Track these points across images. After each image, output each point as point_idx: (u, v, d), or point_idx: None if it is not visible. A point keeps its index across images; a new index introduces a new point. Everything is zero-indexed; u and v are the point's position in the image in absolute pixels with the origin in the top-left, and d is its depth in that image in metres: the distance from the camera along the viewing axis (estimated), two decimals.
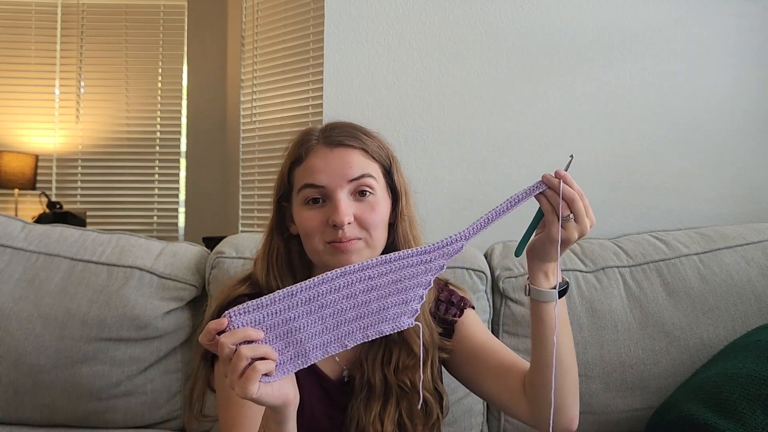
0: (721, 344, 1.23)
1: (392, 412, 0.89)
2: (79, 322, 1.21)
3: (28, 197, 3.39)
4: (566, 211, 0.75)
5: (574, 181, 0.76)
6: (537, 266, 0.81)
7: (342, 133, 0.89)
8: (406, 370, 0.91)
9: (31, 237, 1.31)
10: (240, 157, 2.96)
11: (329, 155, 0.87)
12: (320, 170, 0.86)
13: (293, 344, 0.67)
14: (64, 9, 3.43)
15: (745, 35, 1.65)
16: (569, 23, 1.64)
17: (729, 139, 1.65)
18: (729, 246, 1.33)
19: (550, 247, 0.78)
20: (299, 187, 0.88)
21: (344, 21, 1.63)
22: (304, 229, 0.88)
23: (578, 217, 0.75)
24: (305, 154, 0.89)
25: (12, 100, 3.40)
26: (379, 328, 0.70)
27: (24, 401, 1.22)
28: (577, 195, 0.75)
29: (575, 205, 0.75)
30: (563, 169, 0.77)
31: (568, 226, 0.76)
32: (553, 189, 0.76)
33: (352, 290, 0.69)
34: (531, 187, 0.77)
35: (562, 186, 0.75)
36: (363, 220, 0.86)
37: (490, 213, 0.76)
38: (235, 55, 3.17)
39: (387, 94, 1.63)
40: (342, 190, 0.86)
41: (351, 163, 0.87)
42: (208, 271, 1.28)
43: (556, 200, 0.75)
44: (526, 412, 0.88)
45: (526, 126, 1.63)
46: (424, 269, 0.72)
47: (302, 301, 0.66)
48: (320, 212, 0.86)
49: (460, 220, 1.62)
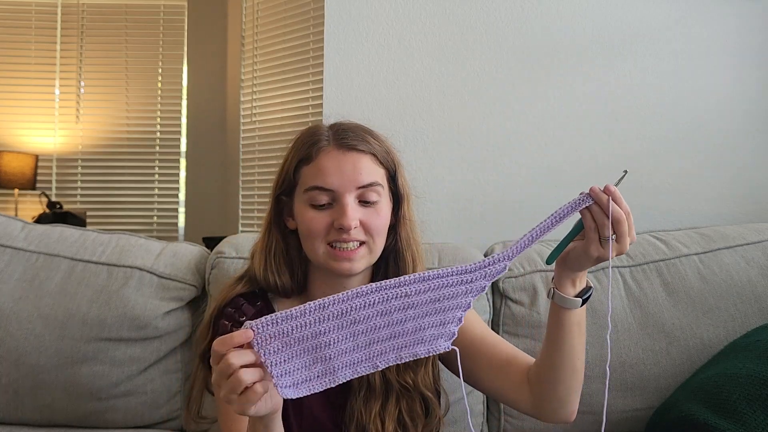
0: (721, 344, 1.23)
1: (393, 410, 0.90)
2: (79, 322, 1.21)
3: (28, 197, 3.40)
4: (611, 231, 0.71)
5: (623, 200, 0.72)
6: (566, 274, 0.79)
7: (354, 137, 0.90)
8: (406, 368, 0.91)
9: (31, 237, 1.31)
10: (240, 157, 2.96)
11: (341, 159, 0.87)
12: (331, 173, 0.86)
13: (321, 360, 0.63)
14: (64, 9, 3.43)
15: (745, 35, 1.65)
16: (569, 23, 1.64)
17: (729, 139, 1.65)
18: (729, 246, 1.33)
19: (585, 261, 0.75)
20: (306, 187, 0.88)
21: (344, 21, 1.63)
22: (307, 229, 0.88)
23: (620, 238, 0.72)
24: (315, 155, 0.88)
25: (12, 100, 3.40)
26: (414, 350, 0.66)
27: (24, 401, 1.21)
28: (624, 216, 0.71)
29: (620, 227, 0.71)
30: (614, 184, 0.73)
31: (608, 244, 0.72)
32: (601, 206, 0.71)
33: (387, 307, 0.64)
34: (577, 200, 0.72)
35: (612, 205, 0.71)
36: (368, 225, 0.87)
37: (534, 230, 0.71)
38: (235, 55, 3.17)
39: (387, 94, 1.63)
40: (350, 195, 0.86)
41: (361, 170, 0.87)
42: (208, 271, 1.28)
43: (600, 219, 0.71)
44: (529, 404, 0.89)
45: (526, 126, 1.63)
46: (465, 290, 0.67)
47: (334, 314, 0.62)
48: (326, 214, 0.87)
49: (460, 220, 1.62)
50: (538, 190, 1.62)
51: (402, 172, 0.95)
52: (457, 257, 1.32)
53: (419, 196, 1.01)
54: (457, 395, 1.25)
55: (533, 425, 1.27)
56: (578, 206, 0.72)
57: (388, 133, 0.97)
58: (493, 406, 1.31)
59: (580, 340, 0.83)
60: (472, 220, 1.62)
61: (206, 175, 3.45)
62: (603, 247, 0.72)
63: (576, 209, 0.72)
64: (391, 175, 0.93)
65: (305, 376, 0.63)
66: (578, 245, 0.75)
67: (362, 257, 0.88)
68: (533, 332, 1.28)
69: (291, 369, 0.62)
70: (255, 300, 0.94)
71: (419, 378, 0.92)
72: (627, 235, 0.72)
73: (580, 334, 0.83)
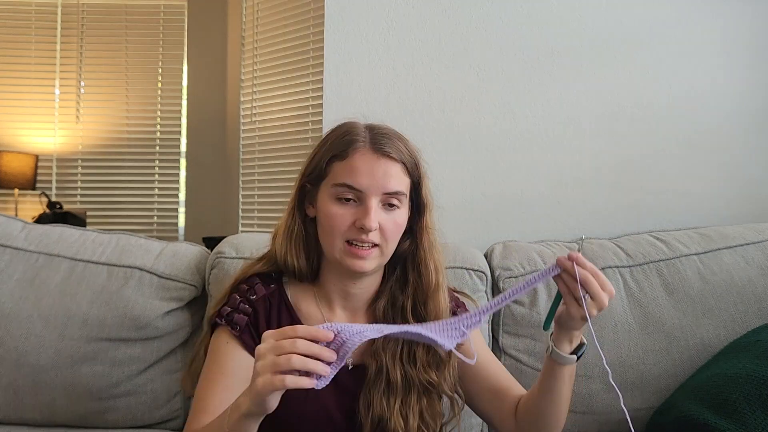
0: (721, 344, 1.23)
1: (415, 406, 0.93)
2: (79, 322, 1.21)
3: (28, 197, 3.39)
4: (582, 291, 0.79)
5: (586, 261, 0.79)
6: (563, 334, 0.86)
7: (390, 144, 0.93)
8: (430, 367, 0.94)
9: (31, 237, 1.31)
10: (240, 157, 2.96)
11: (374, 163, 0.91)
12: (362, 174, 0.90)
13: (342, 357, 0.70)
14: (64, 9, 3.43)
15: (745, 35, 1.65)
16: (569, 23, 1.64)
17: (729, 139, 1.65)
18: (729, 246, 1.33)
19: (573, 322, 0.82)
20: (336, 182, 0.91)
21: (344, 21, 1.63)
22: (329, 223, 0.91)
23: (594, 296, 0.79)
24: (351, 153, 0.91)
25: (12, 100, 3.40)
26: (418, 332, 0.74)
27: (24, 401, 1.21)
28: (590, 275, 0.78)
29: (590, 287, 0.78)
30: (576, 250, 0.81)
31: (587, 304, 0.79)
32: (567, 272, 0.79)
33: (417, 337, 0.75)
34: (547, 269, 0.81)
35: (577, 269, 0.78)
36: (385, 231, 0.91)
37: (509, 291, 0.80)
38: (235, 55, 3.17)
39: (387, 94, 1.63)
40: (375, 198, 0.90)
41: (391, 177, 0.91)
42: (208, 271, 1.28)
43: (571, 283, 0.79)
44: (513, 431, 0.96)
45: (526, 126, 1.63)
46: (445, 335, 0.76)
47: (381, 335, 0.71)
48: (350, 212, 0.90)
49: (460, 220, 1.62)
50: (538, 190, 1.62)
51: (426, 183, 0.99)
52: (457, 257, 1.32)
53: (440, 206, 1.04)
54: None
55: None
56: (549, 273, 0.81)
57: None
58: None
59: (570, 388, 0.90)
60: (472, 220, 1.62)
61: (206, 175, 3.45)
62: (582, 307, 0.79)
63: (547, 276, 0.81)
64: (415, 186, 0.97)
65: None
66: (563, 309, 0.83)
67: (374, 258, 0.92)
68: (533, 332, 1.28)
69: None
70: (270, 282, 0.99)
71: (442, 377, 0.95)
72: (601, 292, 0.79)
73: (570, 384, 0.90)
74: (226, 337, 0.94)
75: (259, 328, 0.93)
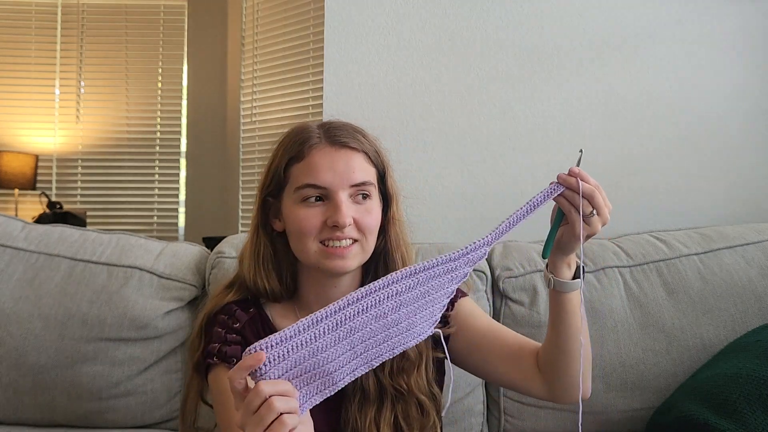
0: (721, 344, 1.23)
1: (388, 415, 0.89)
2: (79, 322, 1.21)
3: (28, 197, 3.40)
4: (588, 208, 0.76)
5: (589, 176, 0.76)
6: (560, 260, 0.83)
7: (346, 135, 0.89)
8: (400, 372, 0.90)
9: (31, 237, 1.31)
10: (240, 157, 2.96)
11: (334, 156, 0.87)
12: (324, 170, 0.85)
13: (321, 375, 0.62)
14: (64, 9, 3.43)
15: (746, 35, 1.65)
16: (569, 23, 1.64)
17: (729, 138, 1.65)
18: (729, 246, 1.33)
19: (575, 243, 0.79)
20: (298, 185, 0.87)
21: (344, 21, 1.63)
22: (299, 227, 0.86)
23: (599, 211, 0.77)
24: (307, 152, 0.87)
25: (12, 100, 3.40)
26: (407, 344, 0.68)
27: (24, 401, 1.21)
28: (594, 189, 0.76)
29: (595, 200, 0.76)
30: (575, 165, 0.78)
31: (591, 220, 0.77)
32: (571, 188, 0.76)
33: (381, 309, 0.64)
34: (547, 190, 0.77)
35: (581, 184, 0.75)
36: (361, 224, 0.87)
37: (510, 218, 0.75)
38: (235, 55, 3.17)
39: (387, 94, 1.63)
40: (343, 192, 0.86)
41: (355, 167, 0.87)
42: (209, 271, 1.28)
43: (576, 199, 0.76)
44: (543, 390, 0.92)
45: (525, 126, 1.63)
46: (450, 278, 0.70)
47: (329, 328, 0.61)
48: (318, 211, 0.86)
49: (459, 220, 1.62)
50: (538, 190, 1.61)
51: (391, 172, 0.95)
52: None
53: (408, 197, 1.00)
54: (458, 395, 1.26)
55: (533, 425, 1.27)
56: (550, 195, 0.77)
57: (388, 133, 0.98)
58: (493, 405, 1.31)
59: (582, 315, 0.86)
60: (472, 220, 1.62)
61: (206, 175, 3.45)
62: (588, 224, 0.77)
63: (549, 197, 0.77)
64: (381, 176, 0.93)
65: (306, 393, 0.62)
66: (565, 230, 0.80)
67: (355, 255, 0.87)
68: (533, 332, 1.28)
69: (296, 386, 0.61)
70: (248, 306, 0.93)
71: (413, 381, 0.91)
72: (604, 206, 0.77)
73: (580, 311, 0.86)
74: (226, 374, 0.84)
75: None
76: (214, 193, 3.40)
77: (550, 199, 0.77)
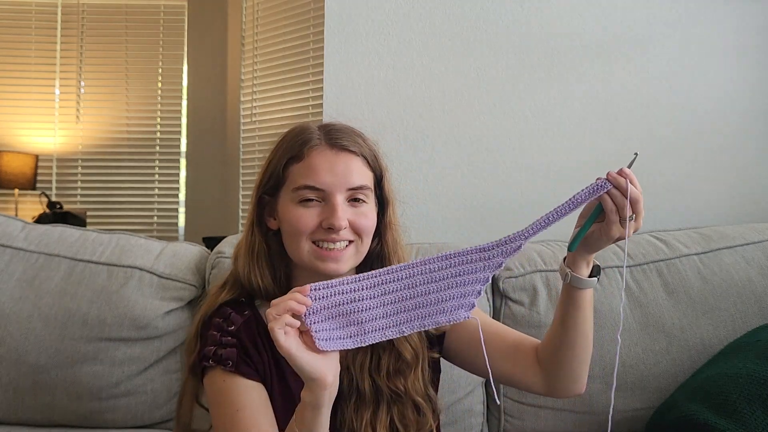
0: (721, 344, 1.23)
1: (384, 417, 0.89)
2: (79, 322, 1.21)
3: (28, 197, 3.40)
4: (630, 211, 0.76)
5: (637, 181, 0.76)
6: (582, 257, 0.83)
7: (346, 138, 0.89)
8: (397, 375, 0.90)
9: (31, 237, 1.31)
10: (240, 157, 2.96)
11: (333, 158, 0.87)
12: (323, 172, 0.86)
13: (354, 323, 0.72)
14: (64, 9, 3.43)
15: (745, 35, 1.65)
16: (569, 23, 1.64)
17: (729, 139, 1.65)
18: (729, 246, 1.33)
19: (603, 242, 0.79)
20: (296, 185, 0.87)
21: (344, 21, 1.63)
22: (294, 227, 0.87)
23: (638, 216, 0.77)
24: (306, 153, 0.88)
25: (12, 100, 3.40)
26: (436, 319, 0.73)
27: (24, 401, 1.21)
28: (641, 195, 0.76)
29: (638, 206, 0.76)
30: (627, 166, 0.77)
31: (629, 225, 0.77)
32: (620, 189, 0.75)
33: (413, 281, 0.73)
34: (594, 186, 0.76)
35: (630, 187, 0.75)
36: (357, 226, 0.87)
37: (551, 213, 0.76)
38: (235, 55, 3.17)
39: (387, 94, 1.63)
40: (340, 195, 0.86)
41: (353, 171, 0.88)
42: (209, 271, 1.28)
43: (621, 201, 0.75)
44: (542, 385, 0.93)
45: (526, 126, 1.63)
46: (483, 266, 0.74)
47: (367, 285, 0.72)
48: (314, 212, 0.86)
49: (459, 219, 1.62)
50: (538, 190, 1.62)
51: (388, 177, 0.95)
52: None
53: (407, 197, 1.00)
54: (458, 395, 1.26)
55: (533, 425, 1.27)
56: (597, 192, 0.76)
57: (388, 133, 0.97)
58: (493, 405, 1.31)
59: (591, 314, 0.88)
60: (472, 220, 1.62)
61: (206, 175, 3.45)
62: (623, 227, 0.77)
63: (594, 194, 0.76)
64: (378, 180, 0.93)
65: (339, 334, 0.72)
66: (597, 228, 0.79)
67: (349, 257, 0.88)
68: (533, 332, 1.27)
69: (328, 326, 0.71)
70: (242, 309, 0.92)
71: (409, 383, 0.91)
72: (642, 213, 0.77)
73: (591, 309, 0.88)
74: (222, 376, 0.86)
75: (250, 356, 0.87)
76: (214, 193, 3.40)
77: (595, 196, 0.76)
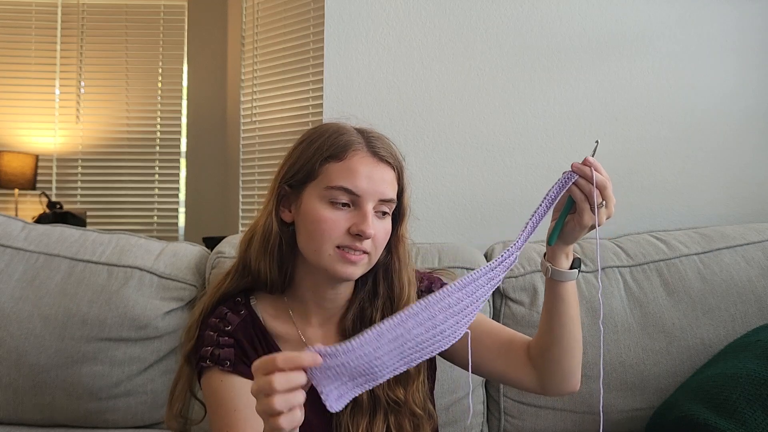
0: (721, 344, 1.23)
1: (380, 426, 0.89)
2: (79, 322, 1.21)
3: (28, 197, 3.40)
4: (599, 198, 0.77)
5: (602, 168, 0.77)
6: (561, 249, 0.84)
7: (385, 150, 0.89)
8: (397, 384, 0.90)
9: (31, 237, 1.31)
10: (240, 157, 2.96)
11: (374, 167, 0.87)
12: (363, 178, 0.85)
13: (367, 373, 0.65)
14: (64, 9, 3.43)
15: (745, 35, 1.65)
16: (569, 23, 1.64)
17: (729, 138, 1.65)
18: (729, 246, 1.33)
19: (579, 232, 0.80)
20: (332, 184, 0.85)
21: (344, 21, 1.63)
22: (320, 228, 0.85)
23: (608, 201, 0.78)
24: (348, 155, 0.86)
25: (12, 100, 3.40)
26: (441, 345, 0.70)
27: (24, 401, 1.21)
28: (607, 180, 0.77)
29: (607, 191, 0.77)
30: (591, 155, 0.79)
31: (599, 212, 0.78)
32: (585, 178, 0.77)
33: (435, 321, 0.68)
34: (562, 179, 0.78)
35: (595, 174, 0.76)
36: (377, 239, 0.87)
37: (533, 217, 0.77)
38: (235, 55, 3.17)
39: (387, 94, 1.63)
40: (371, 204, 0.86)
41: (388, 183, 0.88)
42: (209, 271, 1.28)
43: (588, 189, 0.77)
44: (534, 382, 0.93)
45: (526, 126, 1.63)
46: (489, 287, 0.73)
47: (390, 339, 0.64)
48: (344, 216, 0.85)
49: (460, 220, 1.62)
50: (538, 190, 1.61)
51: (408, 192, 0.95)
52: (457, 257, 1.32)
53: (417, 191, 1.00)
54: (458, 395, 1.26)
55: (533, 425, 1.27)
56: (566, 184, 0.77)
57: (388, 133, 0.97)
58: (493, 405, 1.31)
59: (577, 310, 0.88)
60: (472, 220, 1.62)
61: (206, 175, 3.45)
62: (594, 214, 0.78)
63: (565, 187, 0.78)
64: (399, 194, 0.93)
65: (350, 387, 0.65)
66: (570, 219, 0.81)
67: (363, 265, 0.87)
68: (533, 332, 1.27)
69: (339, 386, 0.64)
70: (239, 309, 0.93)
71: (409, 394, 0.90)
72: (612, 198, 0.78)
73: (576, 305, 0.88)
74: (219, 376, 0.87)
75: (247, 355, 0.88)
76: (214, 193, 3.40)
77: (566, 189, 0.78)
